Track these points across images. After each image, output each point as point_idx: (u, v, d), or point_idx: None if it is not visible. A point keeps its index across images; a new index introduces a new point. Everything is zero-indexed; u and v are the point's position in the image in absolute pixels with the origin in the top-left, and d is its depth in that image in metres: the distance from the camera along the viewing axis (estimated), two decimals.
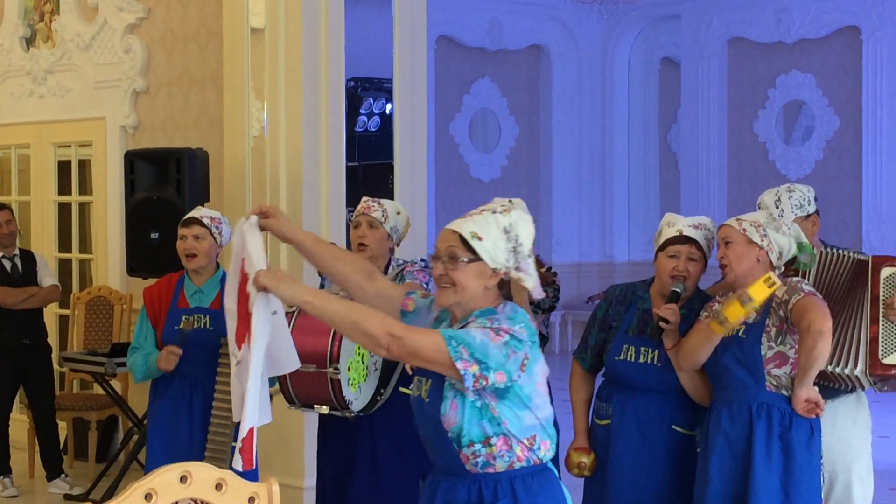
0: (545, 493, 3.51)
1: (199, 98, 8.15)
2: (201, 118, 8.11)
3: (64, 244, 9.23)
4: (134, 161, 7.56)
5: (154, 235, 7.28)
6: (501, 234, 3.48)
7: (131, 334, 7.13)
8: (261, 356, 3.53)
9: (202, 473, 3.01)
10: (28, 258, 8.13)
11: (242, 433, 3.53)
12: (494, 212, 3.52)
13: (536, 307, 5.31)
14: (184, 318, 5.60)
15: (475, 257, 3.47)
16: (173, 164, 7.37)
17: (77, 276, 9.18)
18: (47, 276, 8.13)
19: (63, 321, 8.98)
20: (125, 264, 7.79)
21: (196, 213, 5.86)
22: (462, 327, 3.50)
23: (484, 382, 3.39)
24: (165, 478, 2.95)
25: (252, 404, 3.52)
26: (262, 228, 3.67)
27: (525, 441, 3.47)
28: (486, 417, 3.44)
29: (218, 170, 7.61)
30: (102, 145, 8.82)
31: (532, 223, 3.57)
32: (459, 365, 3.36)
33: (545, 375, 3.55)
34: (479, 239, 3.46)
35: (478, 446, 3.44)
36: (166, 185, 7.38)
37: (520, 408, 3.46)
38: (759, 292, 4.28)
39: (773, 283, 4.29)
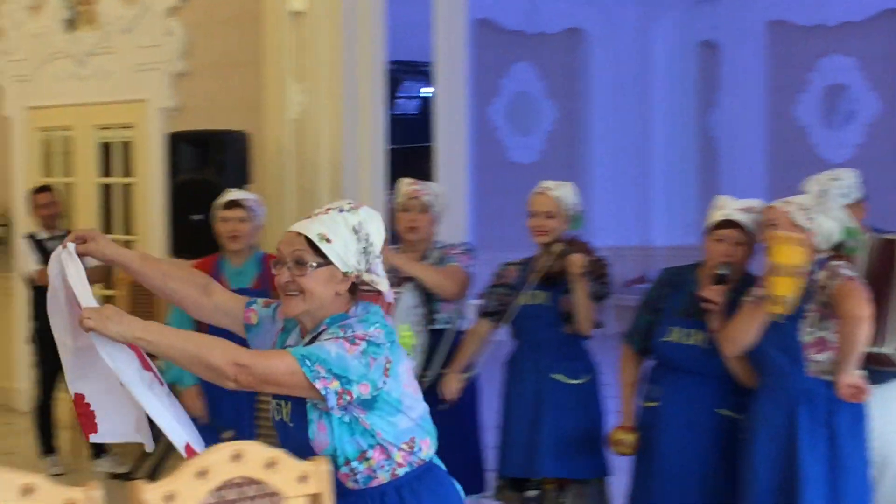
0: (434, 493, 3.34)
1: (240, 80, 8.18)
2: (241, 100, 8.13)
3: (107, 225, 9.29)
4: (176, 143, 7.59)
5: (196, 217, 7.31)
6: (351, 235, 3.23)
7: None
8: (136, 378, 3.25)
9: (254, 452, 3.04)
10: None
11: (181, 452, 3.28)
12: (341, 210, 3.27)
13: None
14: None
15: (324, 261, 3.22)
16: (215, 146, 7.39)
17: None
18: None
19: (107, 302, 9.01)
20: (167, 245, 7.83)
21: (236, 195, 5.91)
22: (313, 339, 3.26)
23: (348, 398, 3.15)
24: (218, 456, 2.99)
25: (167, 425, 3.25)
26: (83, 254, 3.42)
27: (404, 446, 3.27)
28: (358, 431, 3.21)
29: (258, 152, 7.63)
30: (144, 127, 8.87)
31: (381, 221, 3.32)
32: (318, 385, 3.11)
33: (411, 372, 3.35)
34: (328, 241, 3.21)
35: (355, 463, 3.22)
36: (208, 167, 7.41)
37: (391, 414, 3.24)
38: (793, 257, 4.27)
39: (797, 239, 4.29)
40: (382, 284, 3.30)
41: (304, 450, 3.22)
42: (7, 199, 9.88)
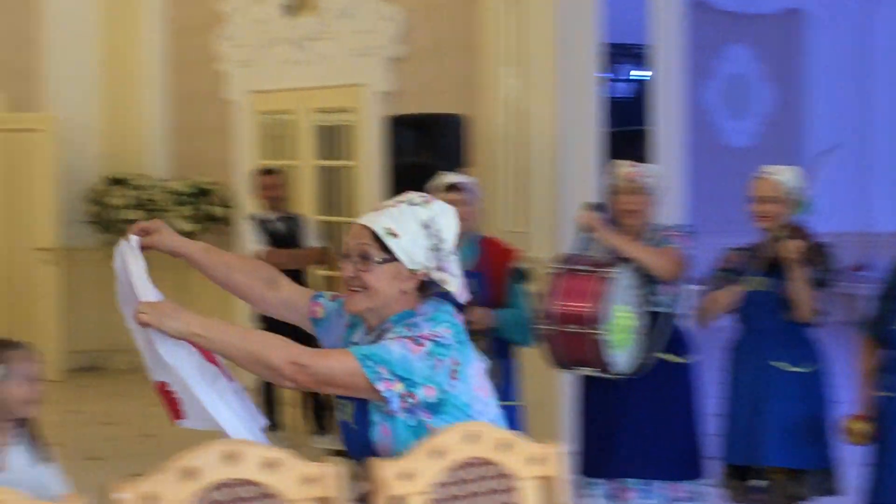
0: None
1: (456, 64, 8.25)
2: (457, 84, 8.19)
3: (326, 208, 9.49)
4: (396, 126, 7.70)
5: None
6: (420, 230, 3.07)
7: None
8: (195, 374, 3.13)
9: (488, 433, 3.06)
10: (295, 220, 8.40)
11: None
12: (412, 203, 3.10)
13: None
14: None
15: (390, 257, 3.07)
16: (434, 130, 7.47)
17: (340, 238, 9.41)
18: (312, 237, 8.38)
19: (328, 282, 9.21)
20: None
21: (455, 178, 5.97)
22: (378, 337, 3.10)
23: (412, 400, 3.00)
24: (452, 436, 3.02)
25: (228, 424, 3.12)
26: (147, 247, 3.31)
27: None
28: (424, 436, 3.04)
29: (475, 134, 7.68)
30: (362, 111, 9.03)
31: (455, 216, 3.15)
32: (381, 386, 2.97)
33: (483, 374, 3.15)
34: (395, 236, 3.06)
35: None
36: (427, 151, 7.48)
37: (460, 418, 3.06)
38: None
39: None
40: (453, 284, 3.12)
41: (366, 453, 3.08)
42: (230, 181, 10.18)
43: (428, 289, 3.12)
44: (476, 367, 3.12)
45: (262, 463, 2.84)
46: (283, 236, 8.25)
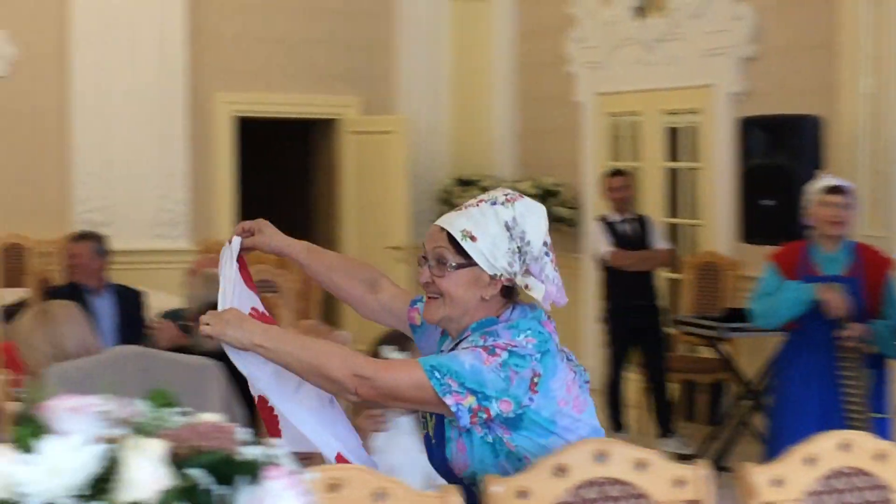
0: None
1: (811, 63, 8.05)
2: (813, 83, 7.99)
3: (672, 210, 9.43)
4: (748, 128, 7.58)
5: (767, 202, 7.25)
6: (502, 232, 2.80)
7: (741, 300, 7.17)
8: (272, 385, 2.93)
9: (864, 442, 2.99)
10: (641, 222, 8.39)
11: (331, 462, 2.96)
12: (494, 203, 2.83)
13: None
14: (814, 286, 5.60)
15: (467, 262, 2.81)
16: (788, 131, 7.32)
17: (686, 241, 9.35)
18: (659, 239, 8.35)
19: (673, 285, 9.16)
20: (735, 231, 7.84)
21: (836, 181, 5.88)
22: (456, 346, 2.86)
23: (485, 415, 2.73)
24: (826, 444, 2.97)
25: (313, 433, 2.95)
26: (250, 247, 3.15)
27: None
28: (503, 454, 2.79)
29: (831, 136, 7.47)
30: (711, 112, 8.93)
31: (544, 215, 2.85)
32: (449, 400, 2.71)
33: (574, 387, 2.85)
34: (473, 239, 2.80)
35: None
36: (780, 152, 7.33)
37: (541, 435, 2.79)
38: None
39: None
40: (538, 291, 2.83)
41: (443, 470, 2.89)
42: (577, 182, 10.27)
43: (514, 294, 2.89)
44: (561, 378, 2.83)
45: (632, 463, 2.86)
46: (629, 238, 8.26)
